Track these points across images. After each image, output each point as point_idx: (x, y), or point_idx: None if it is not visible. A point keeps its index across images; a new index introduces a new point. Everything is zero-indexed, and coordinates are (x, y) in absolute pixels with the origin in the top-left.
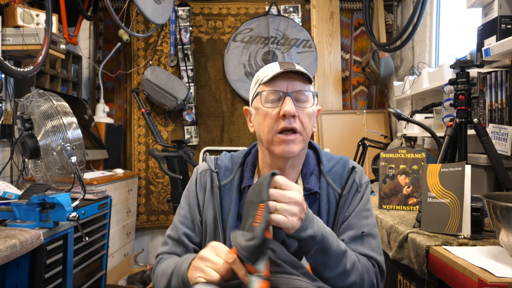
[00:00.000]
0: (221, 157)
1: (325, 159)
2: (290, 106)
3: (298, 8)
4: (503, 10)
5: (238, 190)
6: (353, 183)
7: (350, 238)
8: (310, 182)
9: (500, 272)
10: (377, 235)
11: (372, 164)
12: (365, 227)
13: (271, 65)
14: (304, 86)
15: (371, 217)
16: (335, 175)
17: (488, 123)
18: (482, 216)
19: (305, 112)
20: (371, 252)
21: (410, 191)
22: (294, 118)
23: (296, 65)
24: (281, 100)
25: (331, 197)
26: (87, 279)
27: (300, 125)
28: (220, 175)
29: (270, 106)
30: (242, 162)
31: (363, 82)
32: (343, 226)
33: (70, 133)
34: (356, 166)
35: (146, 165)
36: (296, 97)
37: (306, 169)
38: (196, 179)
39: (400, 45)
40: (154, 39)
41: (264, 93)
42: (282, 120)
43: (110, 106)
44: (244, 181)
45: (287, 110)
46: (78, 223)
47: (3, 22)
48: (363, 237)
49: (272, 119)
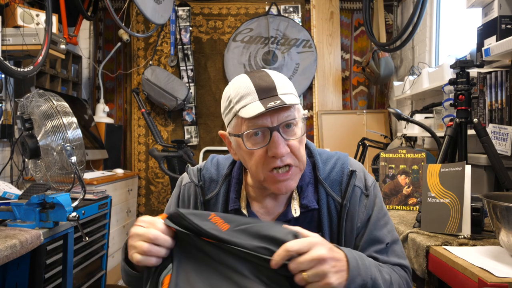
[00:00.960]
0: (207, 166)
1: (321, 162)
2: (280, 147)
3: (298, 8)
4: (503, 10)
5: (225, 207)
6: (354, 188)
7: (376, 252)
8: (307, 196)
9: (500, 272)
10: (398, 238)
11: (372, 164)
12: (388, 237)
13: (244, 84)
14: (289, 113)
15: (389, 221)
16: (334, 182)
17: (488, 123)
18: (482, 216)
19: (296, 141)
20: (399, 260)
21: (410, 191)
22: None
23: (275, 82)
24: (267, 136)
25: (332, 209)
26: (87, 279)
27: (293, 159)
28: (205, 189)
29: (254, 147)
30: (229, 172)
31: (363, 82)
32: (365, 241)
33: (70, 133)
34: (356, 168)
35: (146, 165)
36: (283, 129)
37: (302, 181)
38: (180, 193)
39: (400, 45)
40: (154, 39)
41: (245, 134)
42: (272, 159)
43: (110, 106)
44: (230, 203)
45: (277, 153)
46: (78, 223)
47: (3, 22)
48: (388, 248)
49: (260, 158)
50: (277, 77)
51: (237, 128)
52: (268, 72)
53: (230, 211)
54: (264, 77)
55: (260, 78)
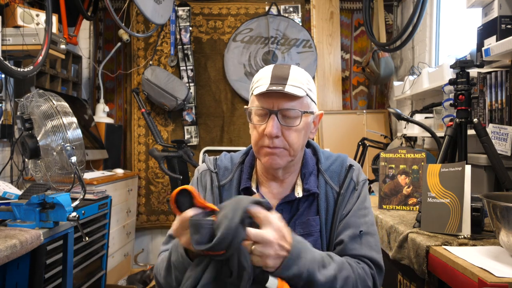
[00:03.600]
0: (221, 157)
1: (323, 157)
2: (271, 128)
3: (298, 8)
4: (503, 10)
5: (237, 190)
6: (350, 181)
7: (349, 237)
8: (309, 182)
9: (500, 272)
10: (375, 233)
11: (372, 164)
12: (363, 226)
13: (266, 70)
14: (292, 103)
15: (369, 215)
16: (333, 173)
17: (488, 123)
18: (482, 216)
19: (292, 130)
20: (369, 252)
21: (410, 191)
22: (278, 137)
23: (290, 75)
24: (267, 117)
25: (329, 196)
26: (87, 279)
27: (284, 143)
28: (220, 175)
29: (257, 122)
30: (241, 161)
31: (363, 82)
32: (342, 224)
33: (70, 133)
34: (353, 164)
35: (146, 165)
36: (282, 115)
37: (305, 169)
38: (197, 179)
39: (400, 45)
40: (154, 39)
41: (252, 109)
42: (265, 137)
43: (110, 106)
44: (242, 183)
45: (269, 132)
46: (78, 223)
47: (3, 22)
48: (362, 236)
49: (259, 134)
50: (295, 71)
51: (251, 104)
52: (292, 66)
53: (242, 190)
54: (284, 69)
55: (280, 69)
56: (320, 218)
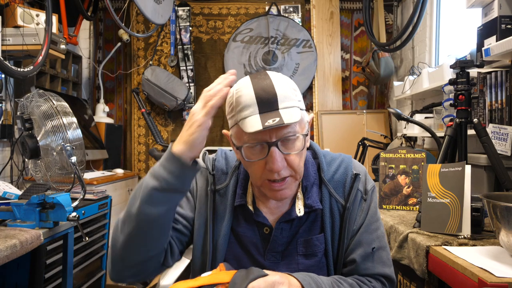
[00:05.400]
0: (218, 158)
1: (325, 164)
2: (276, 164)
3: (298, 8)
4: (503, 10)
5: (232, 199)
6: (357, 191)
7: (361, 257)
8: (311, 196)
9: (500, 272)
10: (387, 245)
11: (372, 164)
12: (375, 242)
13: (246, 92)
14: (289, 128)
15: (380, 227)
16: (338, 183)
17: (488, 123)
18: (482, 216)
19: (296, 155)
20: (382, 269)
21: (410, 191)
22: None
23: (277, 93)
24: (265, 150)
25: (335, 210)
26: (87, 279)
27: (290, 171)
28: (216, 179)
29: (254, 158)
30: (238, 165)
31: (363, 82)
32: (354, 242)
33: (70, 133)
34: (359, 171)
35: (146, 165)
36: (282, 143)
37: (306, 181)
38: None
39: (400, 45)
40: (154, 39)
41: (244, 146)
42: (269, 172)
43: (110, 106)
44: (237, 199)
45: (274, 168)
46: (78, 223)
47: (3, 22)
48: (374, 253)
49: (259, 168)
50: (281, 87)
51: (238, 135)
52: (272, 80)
53: (236, 207)
54: (267, 88)
55: (263, 89)
56: (325, 236)
